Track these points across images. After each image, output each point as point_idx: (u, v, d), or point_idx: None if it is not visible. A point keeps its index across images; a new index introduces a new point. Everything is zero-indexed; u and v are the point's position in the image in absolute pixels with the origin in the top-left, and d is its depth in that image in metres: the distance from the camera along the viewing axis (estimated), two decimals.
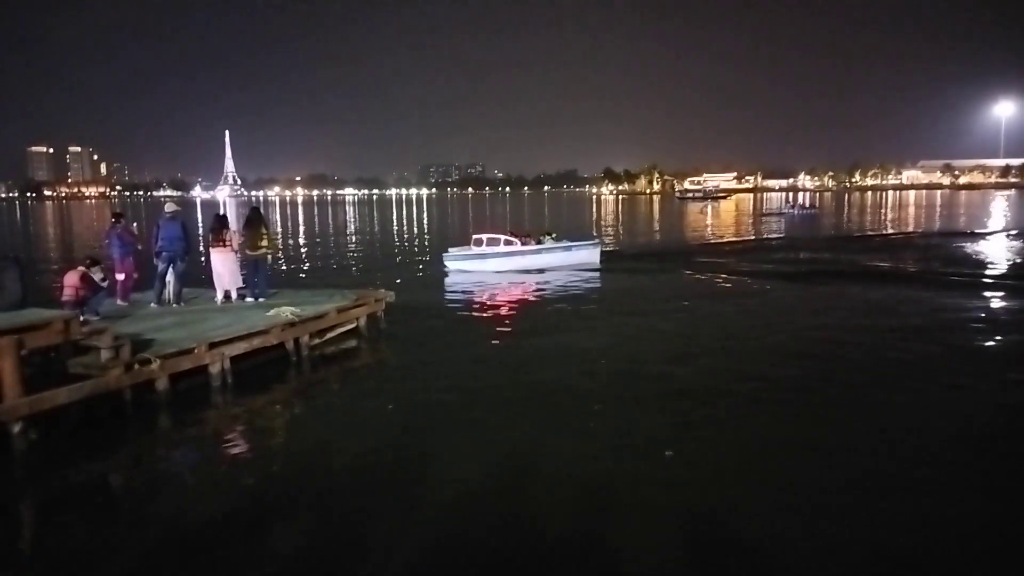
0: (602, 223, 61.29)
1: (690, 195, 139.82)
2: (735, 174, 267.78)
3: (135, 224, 16.75)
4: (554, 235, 26.30)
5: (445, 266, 24.20)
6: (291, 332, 11.70)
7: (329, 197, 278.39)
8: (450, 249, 25.19)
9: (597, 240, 27.30)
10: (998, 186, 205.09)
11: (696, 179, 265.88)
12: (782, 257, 27.85)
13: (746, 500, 6.48)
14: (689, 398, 9.52)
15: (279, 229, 51.51)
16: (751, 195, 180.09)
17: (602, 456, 7.63)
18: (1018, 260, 26.22)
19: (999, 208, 75.89)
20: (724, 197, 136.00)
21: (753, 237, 40.65)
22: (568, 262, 24.52)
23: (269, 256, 14.44)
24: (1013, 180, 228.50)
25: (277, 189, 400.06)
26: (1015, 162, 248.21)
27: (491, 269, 23.53)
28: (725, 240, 39.01)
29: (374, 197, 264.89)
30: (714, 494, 6.60)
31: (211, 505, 6.70)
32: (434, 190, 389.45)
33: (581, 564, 5.48)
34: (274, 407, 9.89)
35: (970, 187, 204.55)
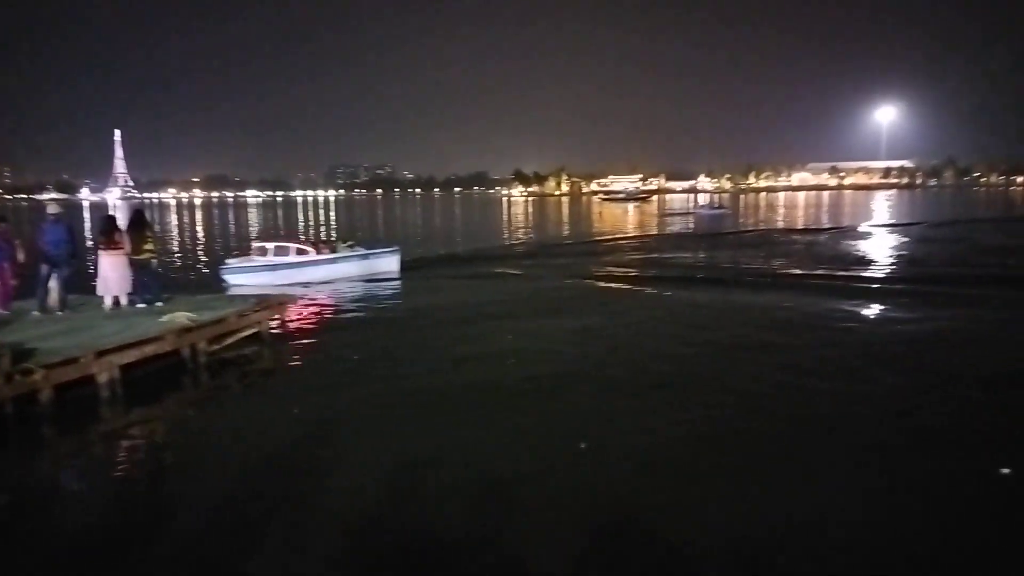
0: (501, 223, 62.01)
1: (613, 196, 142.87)
2: (641, 176, 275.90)
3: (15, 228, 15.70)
4: (350, 243, 24.82)
5: (224, 280, 21.01)
6: (187, 338, 11.35)
7: (230, 199, 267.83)
8: (229, 260, 22.35)
9: (396, 248, 25.14)
10: (880, 186, 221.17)
11: (603, 181, 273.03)
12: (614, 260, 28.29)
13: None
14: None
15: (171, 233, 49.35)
16: (681, 196, 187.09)
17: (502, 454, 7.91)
18: (893, 257, 28.42)
19: (881, 206, 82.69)
20: (646, 198, 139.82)
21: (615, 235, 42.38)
22: (366, 272, 22.76)
23: (154, 260, 13.89)
24: (893, 180, 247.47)
25: (173, 191, 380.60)
26: (895, 164, 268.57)
27: (279, 282, 20.49)
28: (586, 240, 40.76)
29: (278, 199, 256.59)
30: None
31: (94, 520, 6.50)
32: (342, 192, 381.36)
33: (482, 566, 5.61)
34: (167, 417, 9.60)
35: (855, 187, 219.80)
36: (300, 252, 22.19)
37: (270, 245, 22.44)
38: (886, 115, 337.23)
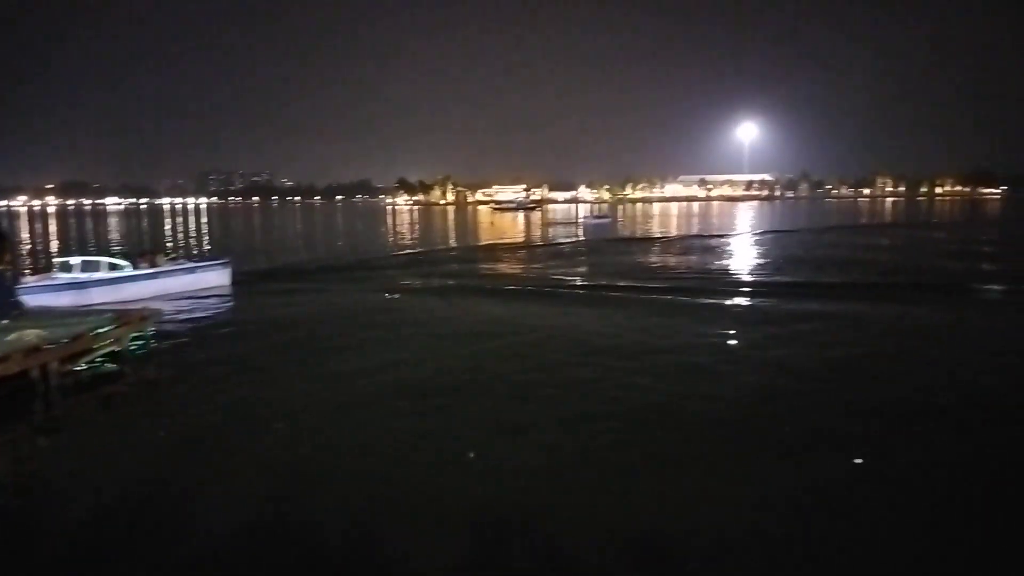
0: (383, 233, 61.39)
1: (504, 206, 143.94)
2: (524, 186, 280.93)
3: None
4: (173, 255, 23.34)
5: (16, 306, 16.76)
6: (36, 358, 10.53)
7: (88, 207, 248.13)
8: (29, 279, 19.77)
9: (226, 260, 23.39)
10: (744, 198, 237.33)
11: (487, 191, 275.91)
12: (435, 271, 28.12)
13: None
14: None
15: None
16: (563, 205, 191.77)
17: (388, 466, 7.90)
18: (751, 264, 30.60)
19: (745, 215, 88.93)
20: (534, 208, 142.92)
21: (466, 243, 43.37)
22: (191, 287, 21.14)
23: (9, 273, 12.78)
24: (755, 192, 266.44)
25: (23, 198, 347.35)
26: (757, 177, 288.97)
27: (87, 302, 17.61)
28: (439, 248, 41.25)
29: (142, 207, 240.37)
30: None
31: None
32: (215, 199, 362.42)
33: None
34: (9, 448, 8.83)
35: (721, 198, 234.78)
36: (113, 267, 19.97)
37: (76, 260, 20.04)
38: (748, 132, 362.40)
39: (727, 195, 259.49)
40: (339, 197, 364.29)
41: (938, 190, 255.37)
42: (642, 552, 5.98)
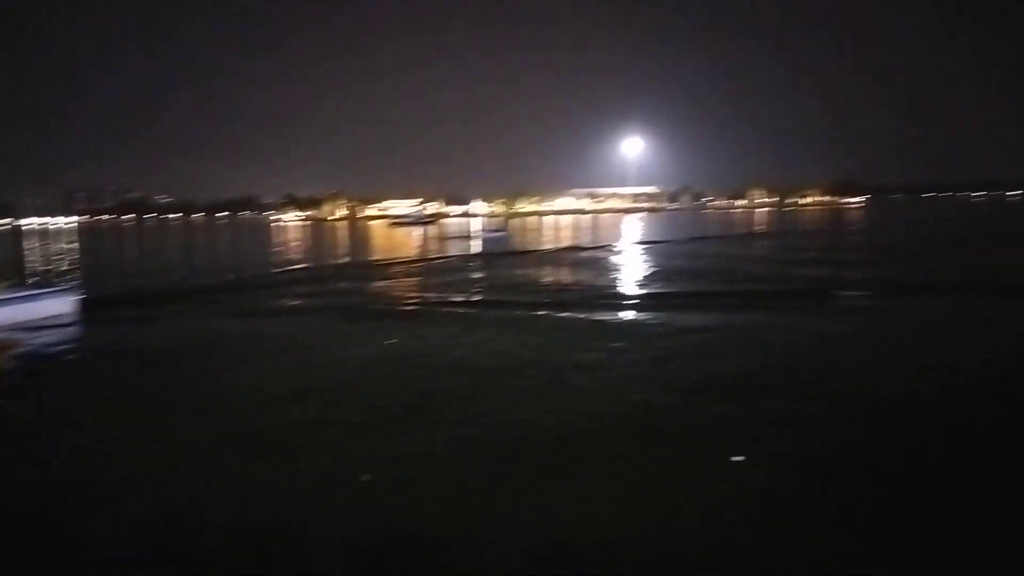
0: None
1: (401, 221, 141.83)
2: (419, 200, 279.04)
3: None
4: (13, 280, 21.17)
5: None
6: None
7: None
8: None
9: (70, 286, 21.05)
10: (631, 210, 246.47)
11: (381, 205, 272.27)
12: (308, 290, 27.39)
13: None
14: None
15: None
16: (460, 219, 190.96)
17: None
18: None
19: (633, 226, 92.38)
20: (431, 222, 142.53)
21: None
22: (26, 317, 18.76)
23: None
24: (642, 204, 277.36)
25: None
26: (642, 189, 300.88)
27: None
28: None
29: (2, 227, 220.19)
30: None
31: None
32: (86, 217, 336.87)
33: None
34: None
35: (610, 211, 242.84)
36: None
37: None
38: (633, 146, 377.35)
39: (616, 207, 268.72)
40: (222, 214, 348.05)
41: (806, 200, 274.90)
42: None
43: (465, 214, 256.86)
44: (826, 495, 7.09)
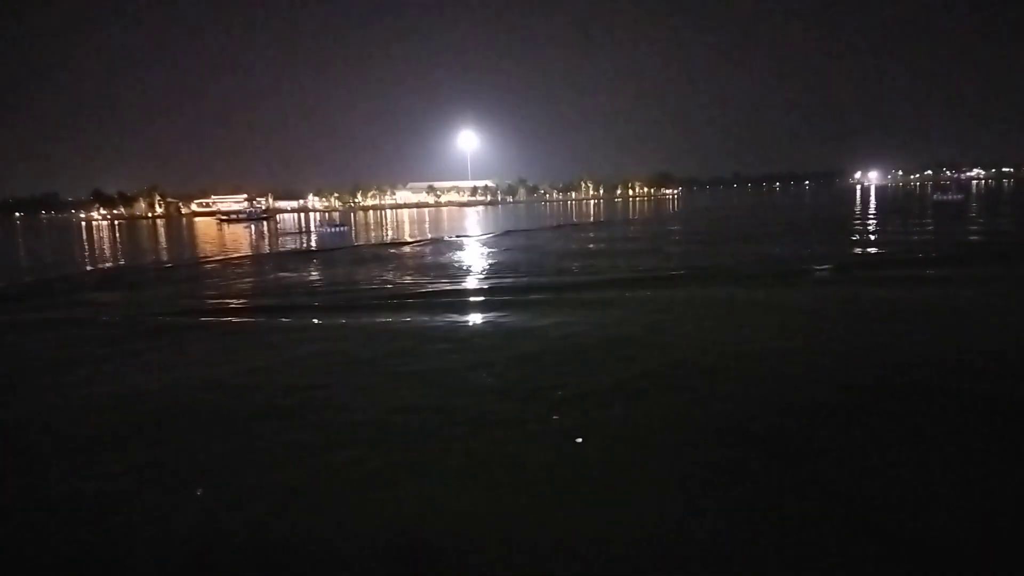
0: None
1: (233, 217, 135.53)
2: (245, 196, 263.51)
3: None
4: None
5: None
6: None
7: None
8: None
9: None
10: (471, 203, 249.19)
11: (204, 201, 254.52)
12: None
13: None
14: None
15: None
16: (295, 215, 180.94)
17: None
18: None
19: (473, 220, 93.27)
20: (267, 218, 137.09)
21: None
22: None
23: None
24: (480, 198, 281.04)
25: None
26: (480, 183, 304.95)
27: None
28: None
29: None
30: None
31: None
32: None
33: None
34: None
35: (450, 204, 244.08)
36: None
37: None
38: (469, 140, 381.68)
39: (456, 201, 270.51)
40: (18, 214, 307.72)
41: (631, 191, 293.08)
42: None
43: (300, 209, 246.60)
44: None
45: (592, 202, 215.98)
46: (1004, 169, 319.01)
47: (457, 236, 53.61)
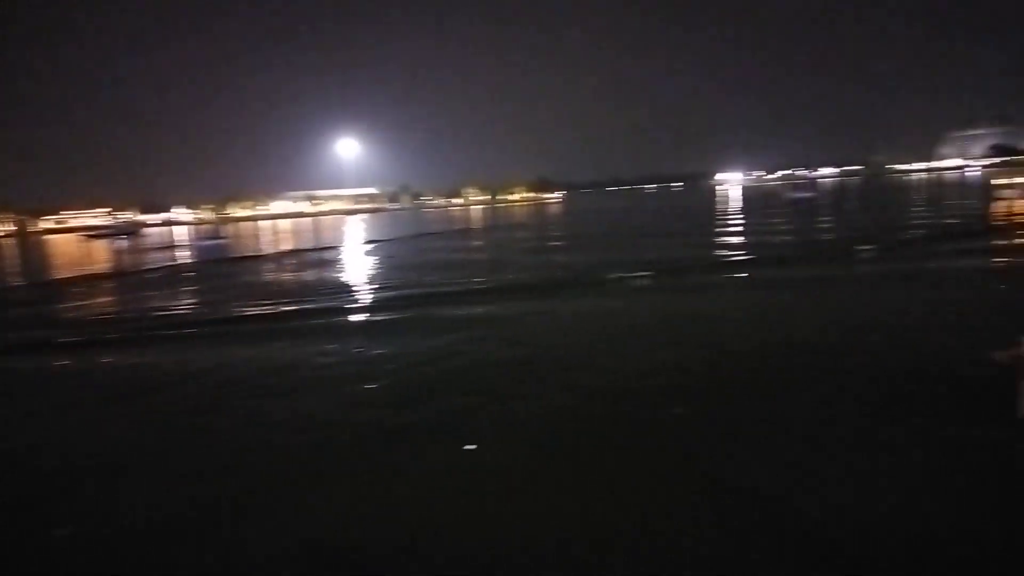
0: None
1: (100, 232, 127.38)
2: (108, 210, 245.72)
3: None
4: None
5: None
6: None
7: None
8: None
9: None
10: (353, 211, 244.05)
11: (58, 217, 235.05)
12: None
13: None
14: None
15: None
16: (165, 228, 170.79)
17: None
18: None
19: (356, 227, 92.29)
20: (137, 232, 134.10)
21: None
22: None
23: None
24: (363, 205, 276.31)
25: None
26: (362, 191, 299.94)
27: None
28: None
29: None
30: None
31: None
32: None
33: None
34: None
35: (332, 213, 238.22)
36: None
37: None
38: (349, 147, 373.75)
39: (337, 209, 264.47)
40: None
41: (514, 196, 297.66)
42: None
43: (171, 222, 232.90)
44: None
45: (475, 208, 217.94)
46: (850, 168, 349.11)
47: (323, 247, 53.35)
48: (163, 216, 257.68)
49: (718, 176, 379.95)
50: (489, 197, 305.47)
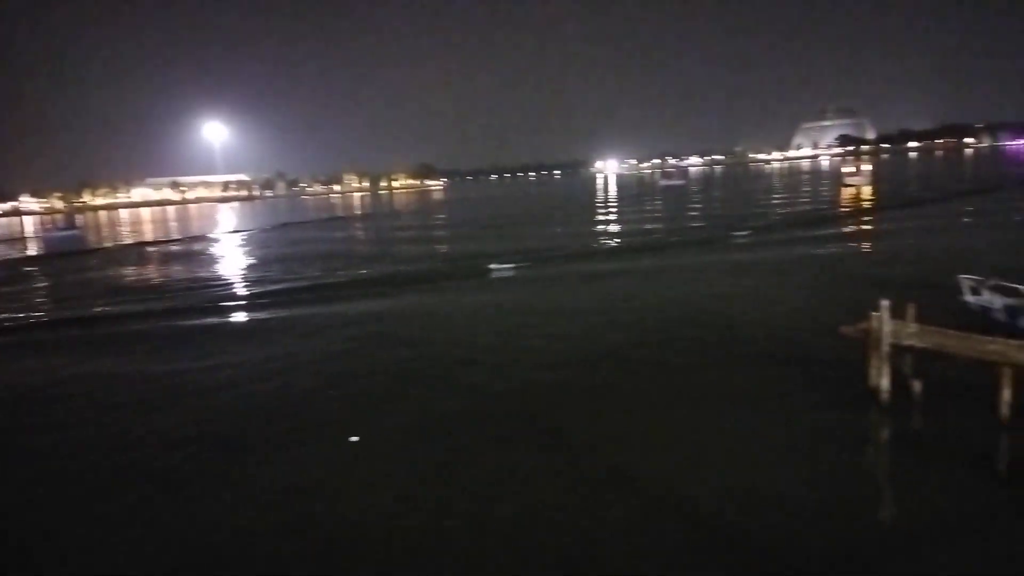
0: None
1: None
2: None
3: None
4: None
5: None
6: None
7: None
8: None
9: None
10: (224, 199, 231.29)
11: None
12: None
13: None
14: None
15: None
16: (5, 219, 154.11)
17: None
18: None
19: (227, 216, 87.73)
20: None
21: None
22: None
23: None
24: (234, 193, 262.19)
25: None
26: (232, 177, 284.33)
27: None
28: None
29: None
30: None
31: None
32: None
33: None
34: None
35: (200, 200, 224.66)
36: None
37: None
38: (217, 132, 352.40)
39: (205, 196, 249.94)
40: None
41: (395, 184, 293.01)
42: None
43: (15, 212, 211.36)
44: None
45: (355, 195, 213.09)
46: (716, 157, 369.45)
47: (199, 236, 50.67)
48: (10, 205, 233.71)
49: (597, 164, 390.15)
50: (370, 184, 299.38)
